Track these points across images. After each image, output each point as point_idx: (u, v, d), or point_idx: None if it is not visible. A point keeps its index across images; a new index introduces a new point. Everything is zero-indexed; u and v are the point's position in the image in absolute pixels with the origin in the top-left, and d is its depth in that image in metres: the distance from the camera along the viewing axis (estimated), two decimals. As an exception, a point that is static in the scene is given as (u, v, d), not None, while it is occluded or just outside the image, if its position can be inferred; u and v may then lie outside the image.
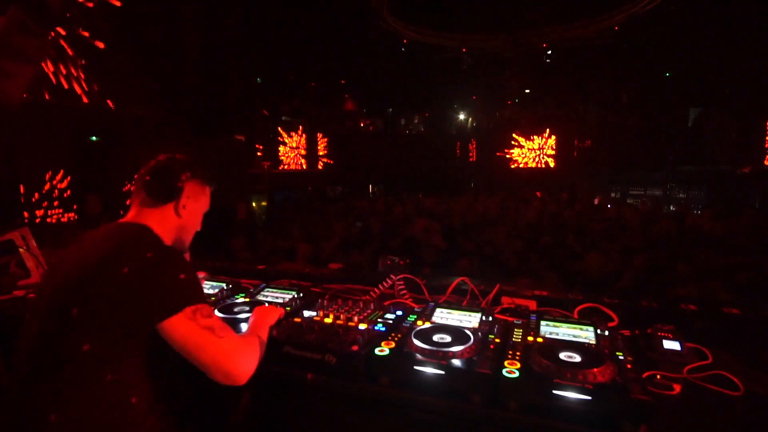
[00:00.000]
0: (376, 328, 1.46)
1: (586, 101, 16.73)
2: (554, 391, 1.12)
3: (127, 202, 1.35)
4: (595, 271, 4.21)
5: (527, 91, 17.52)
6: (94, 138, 7.96)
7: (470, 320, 1.53)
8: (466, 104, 19.55)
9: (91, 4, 7.03)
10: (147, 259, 1.09)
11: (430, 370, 1.24)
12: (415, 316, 1.59)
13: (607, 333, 1.41)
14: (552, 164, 17.01)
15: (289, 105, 15.77)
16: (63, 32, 6.72)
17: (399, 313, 1.63)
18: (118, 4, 7.18)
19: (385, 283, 1.83)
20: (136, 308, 1.05)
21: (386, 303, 1.74)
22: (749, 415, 1.14)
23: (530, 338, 1.38)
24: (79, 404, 1.03)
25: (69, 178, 7.29)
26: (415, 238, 5.69)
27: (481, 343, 1.35)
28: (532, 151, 17.34)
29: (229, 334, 1.15)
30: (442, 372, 1.23)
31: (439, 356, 1.27)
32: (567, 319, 1.52)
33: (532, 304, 1.75)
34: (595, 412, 1.08)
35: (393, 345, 1.35)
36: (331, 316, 1.56)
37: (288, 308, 1.65)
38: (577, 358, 1.23)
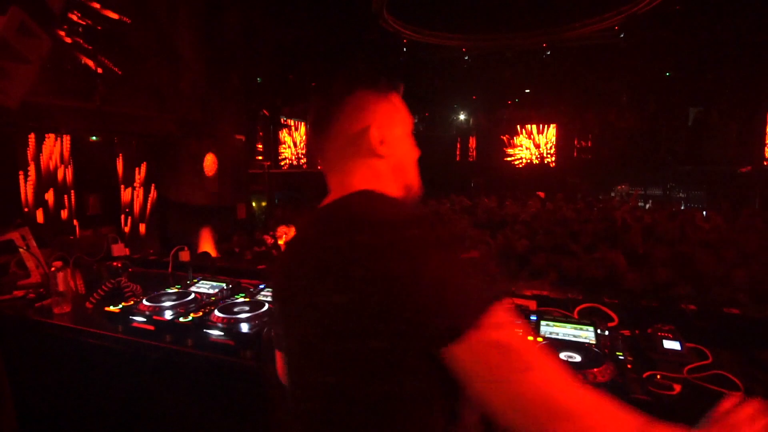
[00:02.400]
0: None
1: (587, 101, 16.73)
2: (554, 391, 1.12)
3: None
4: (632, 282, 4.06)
5: (527, 90, 17.52)
6: (94, 138, 7.96)
7: (470, 320, 1.53)
8: (466, 104, 19.55)
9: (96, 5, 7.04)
10: (410, 243, 0.71)
11: (430, 370, 1.24)
12: (415, 316, 1.59)
13: (607, 333, 1.41)
14: (552, 164, 17.03)
15: (289, 105, 15.78)
16: (63, 33, 6.73)
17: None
18: (116, 16, 7.19)
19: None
20: (419, 327, 0.67)
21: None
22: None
23: (530, 338, 1.38)
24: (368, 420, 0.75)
25: (69, 178, 7.29)
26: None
27: (481, 343, 1.35)
28: (529, 151, 17.35)
29: (570, 383, 0.66)
30: (442, 372, 1.23)
31: (439, 356, 1.27)
32: (567, 319, 1.52)
33: (532, 304, 1.75)
34: (595, 412, 1.08)
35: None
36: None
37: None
38: (577, 358, 1.23)
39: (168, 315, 1.71)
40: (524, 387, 0.64)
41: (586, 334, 1.42)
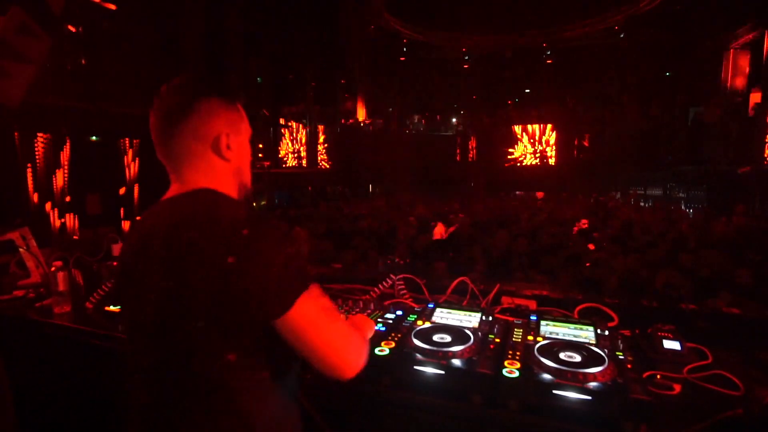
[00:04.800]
0: (376, 327, 1.46)
1: (587, 101, 16.73)
2: (554, 391, 1.12)
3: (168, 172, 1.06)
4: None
5: (527, 90, 17.52)
6: (94, 138, 7.96)
7: (470, 320, 1.53)
8: (466, 104, 19.54)
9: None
10: (246, 239, 0.87)
11: (430, 370, 1.24)
12: (415, 316, 1.59)
13: (607, 333, 1.41)
14: (552, 163, 17.02)
15: (289, 105, 15.77)
16: (64, 32, 6.73)
17: (399, 312, 1.64)
18: (113, 7, 7.18)
19: (385, 283, 1.83)
20: (250, 304, 0.87)
21: (386, 303, 1.74)
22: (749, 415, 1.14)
23: (530, 338, 1.39)
24: (210, 387, 0.90)
25: (69, 178, 7.29)
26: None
27: (481, 343, 1.35)
28: (529, 151, 17.35)
29: (342, 319, 0.99)
30: (442, 372, 1.23)
31: (439, 356, 1.27)
32: (567, 319, 1.52)
33: (532, 304, 1.75)
34: (596, 412, 1.08)
35: (393, 345, 1.35)
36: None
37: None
38: (577, 358, 1.23)
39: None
40: (336, 331, 0.95)
41: (586, 334, 1.42)
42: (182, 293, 0.88)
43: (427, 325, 1.49)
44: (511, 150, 17.79)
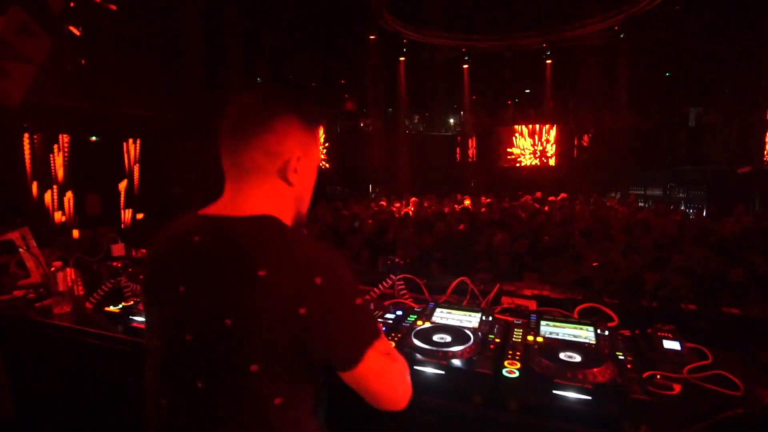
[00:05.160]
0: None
1: (587, 101, 16.73)
2: (554, 391, 1.12)
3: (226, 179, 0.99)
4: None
5: (527, 90, 17.52)
6: (94, 138, 7.96)
7: (470, 320, 1.54)
8: (466, 104, 19.54)
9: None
10: (319, 290, 0.82)
11: (430, 370, 1.24)
12: (415, 316, 1.59)
13: (607, 333, 1.41)
14: (552, 164, 17.01)
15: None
16: (64, 32, 6.73)
17: (399, 313, 1.64)
18: (114, 7, 7.17)
19: (385, 283, 1.83)
20: (316, 356, 0.86)
21: (386, 303, 1.74)
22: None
23: (530, 338, 1.39)
24: (250, 428, 0.87)
25: (69, 178, 7.29)
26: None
27: (481, 343, 1.35)
28: (529, 151, 17.35)
29: (400, 357, 0.97)
30: (442, 372, 1.23)
31: (439, 356, 1.27)
32: (567, 319, 1.52)
33: (532, 304, 1.75)
34: (596, 412, 1.08)
35: (393, 345, 1.35)
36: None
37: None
38: (577, 358, 1.23)
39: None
40: (395, 373, 0.94)
41: (586, 334, 1.42)
42: (246, 332, 0.82)
43: (427, 325, 1.49)
44: (510, 150, 17.79)
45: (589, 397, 1.09)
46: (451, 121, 20.37)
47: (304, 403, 0.93)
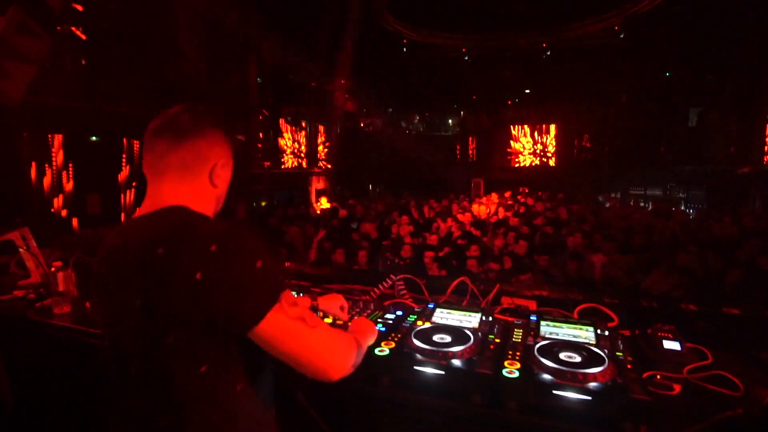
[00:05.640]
0: (376, 328, 1.46)
1: (587, 101, 16.73)
2: (554, 392, 1.12)
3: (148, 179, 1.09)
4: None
5: (527, 91, 17.53)
6: (94, 138, 7.96)
7: (470, 320, 1.53)
8: (466, 104, 19.55)
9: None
10: (214, 255, 0.89)
11: (430, 370, 1.24)
12: (415, 316, 1.59)
13: (607, 333, 1.41)
14: (552, 164, 17.02)
15: (289, 105, 15.76)
16: (66, 31, 6.72)
17: (399, 313, 1.64)
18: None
19: (385, 283, 1.83)
20: (219, 318, 0.90)
21: (386, 303, 1.74)
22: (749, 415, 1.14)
23: (530, 338, 1.38)
24: (184, 401, 0.94)
25: (70, 178, 7.29)
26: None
27: (481, 343, 1.35)
28: (529, 151, 17.35)
29: (322, 324, 1.01)
30: (442, 372, 1.23)
31: (439, 356, 1.27)
32: (567, 319, 1.52)
33: (532, 304, 1.75)
34: (596, 412, 1.08)
35: (393, 345, 1.35)
36: (331, 316, 1.57)
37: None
38: (577, 358, 1.23)
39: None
40: (313, 337, 0.97)
41: (586, 334, 1.42)
42: (155, 308, 0.91)
43: (427, 325, 1.49)
44: (510, 150, 17.79)
45: (589, 397, 1.09)
46: (450, 121, 20.37)
47: (236, 375, 0.98)
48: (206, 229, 0.95)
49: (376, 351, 1.31)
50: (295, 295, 1.78)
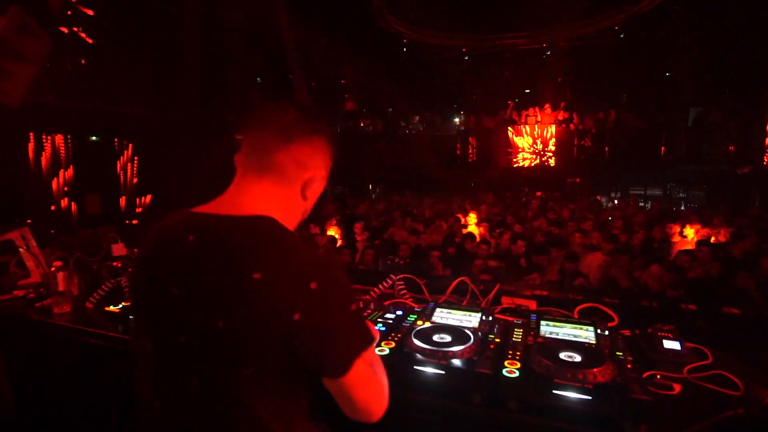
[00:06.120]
0: (376, 327, 1.46)
1: (586, 101, 16.73)
2: (554, 391, 1.12)
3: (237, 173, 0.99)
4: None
5: (527, 91, 17.52)
6: (94, 138, 7.96)
7: (470, 320, 1.53)
8: (466, 104, 19.54)
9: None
10: (313, 295, 0.81)
11: (430, 369, 1.24)
12: (415, 316, 1.59)
13: (607, 333, 1.41)
14: (552, 164, 17.01)
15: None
16: (65, 31, 6.72)
17: (399, 312, 1.64)
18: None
19: (385, 283, 1.83)
20: (308, 363, 0.84)
21: (386, 303, 1.74)
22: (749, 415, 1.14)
23: (530, 338, 1.38)
24: (241, 428, 0.86)
25: (69, 178, 7.29)
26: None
27: (481, 343, 1.35)
28: (529, 151, 17.35)
29: (382, 368, 0.95)
30: (442, 372, 1.23)
31: (439, 356, 1.27)
32: (567, 319, 1.52)
33: (532, 304, 1.75)
34: (595, 412, 1.08)
35: (393, 345, 1.35)
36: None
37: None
38: (577, 358, 1.23)
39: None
40: (377, 385, 0.91)
41: (586, 334, 1.42)
42: (239, 335, 0.81)
43: (427, 325, 1.49)
44: (511, 150, 17.79)
45: (589, 397, 1.09)
46: (453, 120, 20.38)
47: (297, 407, 0.92)
48: (305, 258, 0.85)
49: (376, 351, 1.31)
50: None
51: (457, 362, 1.24)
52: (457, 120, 20.30)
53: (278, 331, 0.80)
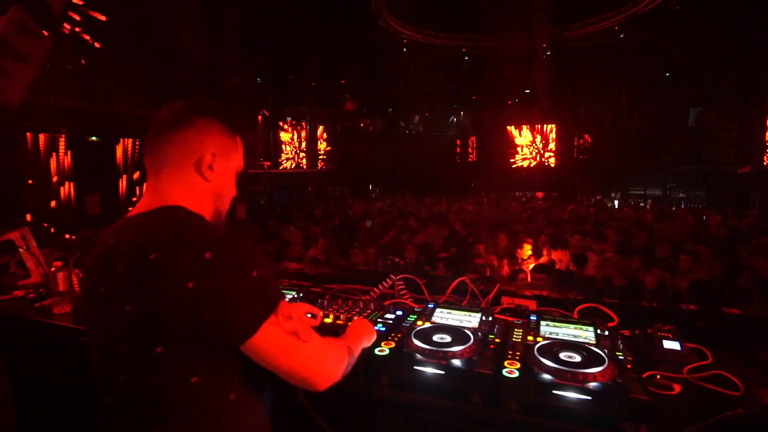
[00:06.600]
0: (376, 328, 1.46)
1: (587, 101, 16.74)
2: (554, 391, 1.12)
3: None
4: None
5: (527, 91, 17.52)
6: (94, 138, 7.96)
7: (470, 320, 1.53)
8: (466, 104, 19.55)
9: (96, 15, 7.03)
10: (208, 264, 0.85)
11: (430, 370, 1.24)
12: (415, 316, 1.59)
13: (607, 333, 1.41)
14: (552, 164, 17.01)
15: (289, 105, 15.77)
16: (66, 31, 6.73)
17: (399, 313, 1.63)
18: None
19: (385, 283, 1.83)
20: (211, 330, 0.87)
21: (386, 303, 1.74)
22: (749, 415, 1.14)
23: (530, 338, 1.38)
24: (174, 411, 0.90)
25: (69, 178, 7.29)
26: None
27: (481, 343, 1.35)
28: (529, 151, 17.35)
29: (314, 337, 0.99)
30: (442, 372, 1.23)
31: (439, 356, 1.27)
32: (567, 319, 1.52)
33: (532, 304, 1.75)
34: (595, 412, 1.08)
35: (393, 345, 1.35)
36: (331, 316, 1.57)
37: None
38: (577, 358, 1.23)
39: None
40: (304, 351, 0.95)
41: (586, 334, 1.42)
42: (147, 316, 0.87)
43: (427, 325, 1.49)
44: (510, 150, 17.78)
45: (589, 397, 1.09)
46: (453, 120, 20.37)
47: (231, 384, 0.95)
48: (201, 233, 0.91)
49: (376, 351, 1.31)
50: (291, 296, 1.79)
51: (457, 362, 1.24)
52: (455, 120, 20.29)
53: (177, 303, 0.84)
